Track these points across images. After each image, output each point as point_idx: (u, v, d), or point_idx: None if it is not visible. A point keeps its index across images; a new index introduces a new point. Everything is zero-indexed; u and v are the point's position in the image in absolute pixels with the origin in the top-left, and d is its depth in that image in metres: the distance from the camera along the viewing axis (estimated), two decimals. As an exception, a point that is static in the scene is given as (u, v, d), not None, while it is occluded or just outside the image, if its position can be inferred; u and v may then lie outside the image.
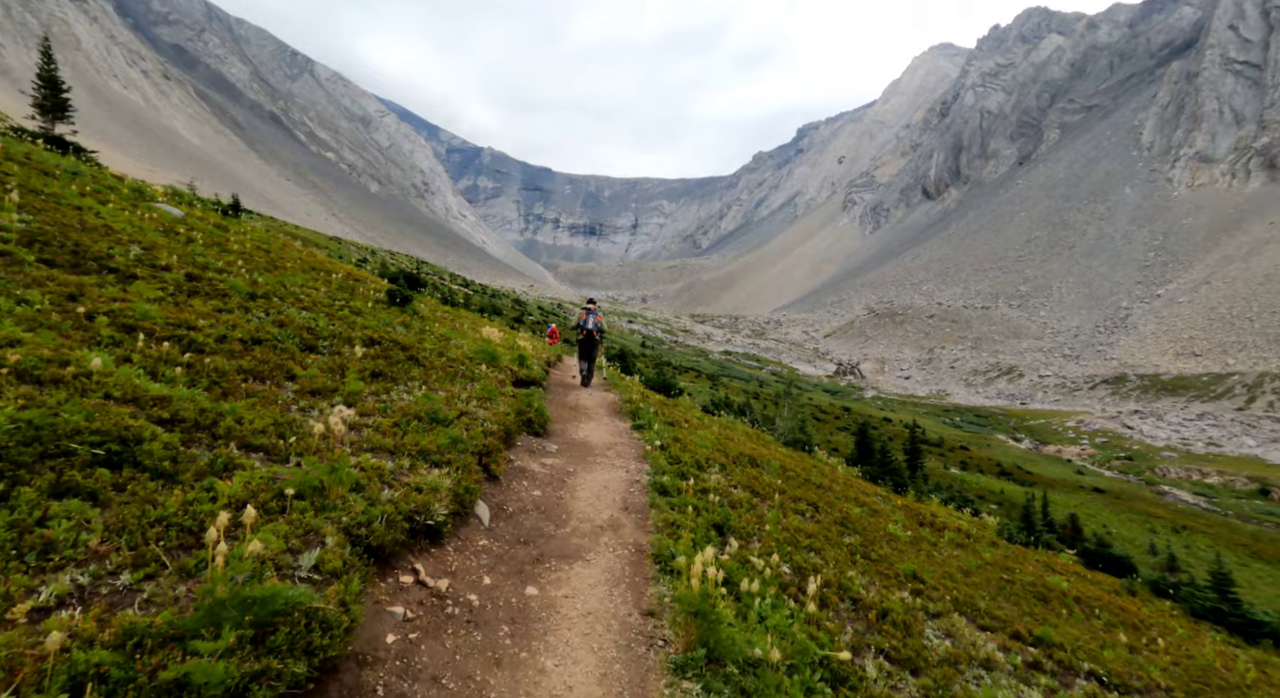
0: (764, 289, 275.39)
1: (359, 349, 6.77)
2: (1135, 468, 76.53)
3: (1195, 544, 46.98)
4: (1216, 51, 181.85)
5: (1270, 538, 52.18)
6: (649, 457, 7.36)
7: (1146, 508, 56.35)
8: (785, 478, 9.27)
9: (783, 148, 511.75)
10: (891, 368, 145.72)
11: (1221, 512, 60.61)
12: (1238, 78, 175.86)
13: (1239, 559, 45.16)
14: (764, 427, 34.33)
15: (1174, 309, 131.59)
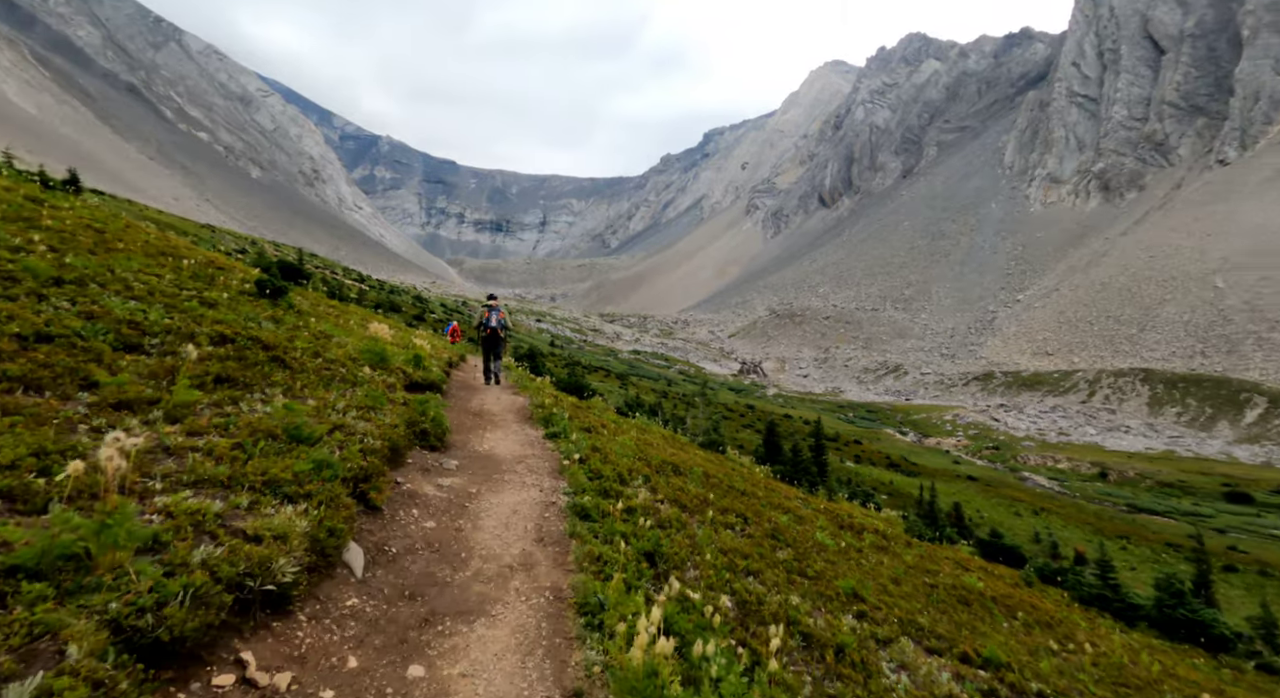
0: (672, 289, 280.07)
1: (196, 349, 5.36)
2: (1001, 456, 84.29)
3: (1053, 525, 52.10)
4: (1063, 85, 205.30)
5: (1109, 516, 58.89)
6: (566, 472, 6.43)
7: (1012, 493, 61.92)
8: (710, 486, 8.67)
9: (690, 151, 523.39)
10: (792, 367, 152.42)
11: (1071, 494, 67.80)
12: (1080, 109, 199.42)
13: (1085, 536, 50.56)
14: (677, 427, 34.21)
15: (1031, 313, 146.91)
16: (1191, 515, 59.55)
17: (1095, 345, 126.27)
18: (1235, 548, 48.41)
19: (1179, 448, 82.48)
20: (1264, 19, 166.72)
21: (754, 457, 28.20)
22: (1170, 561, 45.67)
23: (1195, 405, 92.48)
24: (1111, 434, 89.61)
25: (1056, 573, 13.90)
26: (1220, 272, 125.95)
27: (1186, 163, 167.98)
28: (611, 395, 58.98)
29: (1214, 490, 67.90)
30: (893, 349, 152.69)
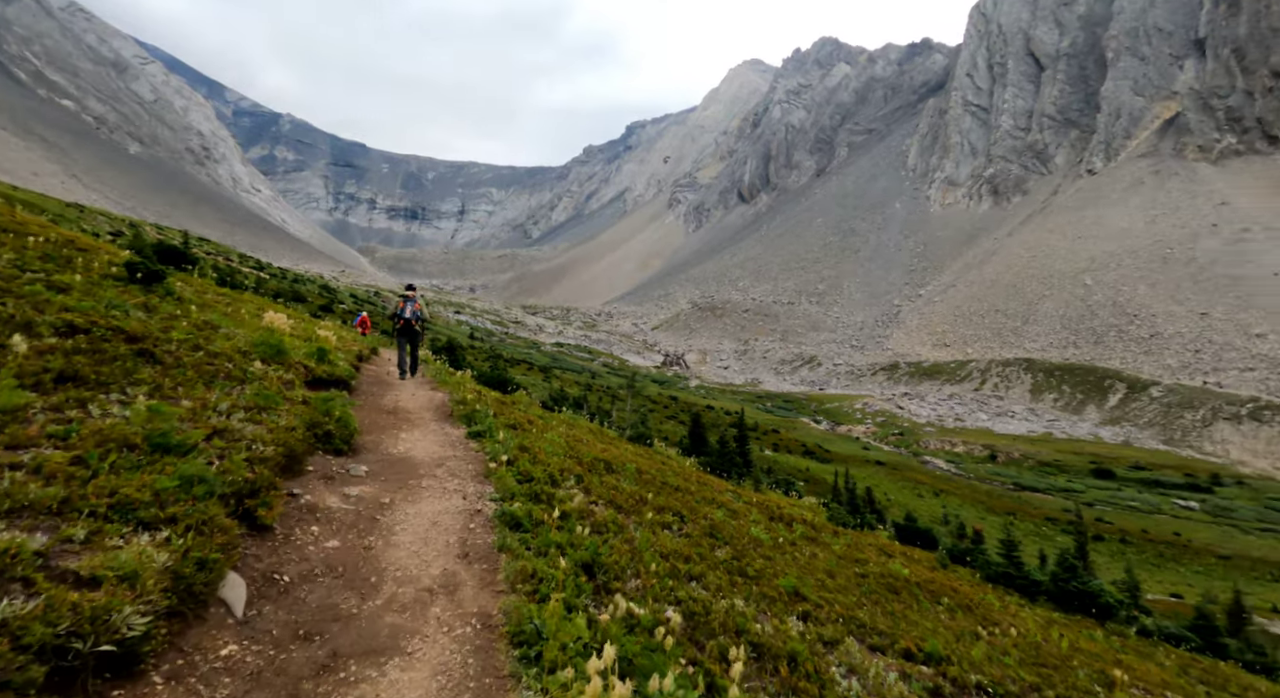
0: (595, 281, 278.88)
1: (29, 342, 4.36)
2: (905, 442, 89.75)
3: (950, 504, 55.92)
4: (959, 94, 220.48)
5: (999, 495, 63.85)
6: (493, 475, 5.83)
7: (915, 476, 65.94)
8: (644, 484, 8.35)
9: (613, 143, 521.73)
10: (713, 358, 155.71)
11: (966, 475, 73.02)
12: (973, 117, 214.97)
13: (978, 514, 54.66)
14: (603, 421, 33.82)
15: (931, 307, 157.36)
16: (1065, 491, 65.71)
17: (986, 338, 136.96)
18: (1101, 519, 53.95)
19: (1055, 430, 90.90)
20: (1124, 44, 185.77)
21: (680, 448, 28.30)
22: (1050, 533, 50.20)
23: (1069, 392, 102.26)
24: (1000, 419, 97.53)
25: (965, 553, 14.61)
26: (1089, 271, 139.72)
27: (1062, 171, 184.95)
28: (535, 389, 57.80)
29: (1083, 468, 75.26)
30: (808, 341, 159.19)
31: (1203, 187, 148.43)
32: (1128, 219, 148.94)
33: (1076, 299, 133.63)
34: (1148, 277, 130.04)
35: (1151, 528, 51.15)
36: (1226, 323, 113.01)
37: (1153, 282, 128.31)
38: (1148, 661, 9.53)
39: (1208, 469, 72.24)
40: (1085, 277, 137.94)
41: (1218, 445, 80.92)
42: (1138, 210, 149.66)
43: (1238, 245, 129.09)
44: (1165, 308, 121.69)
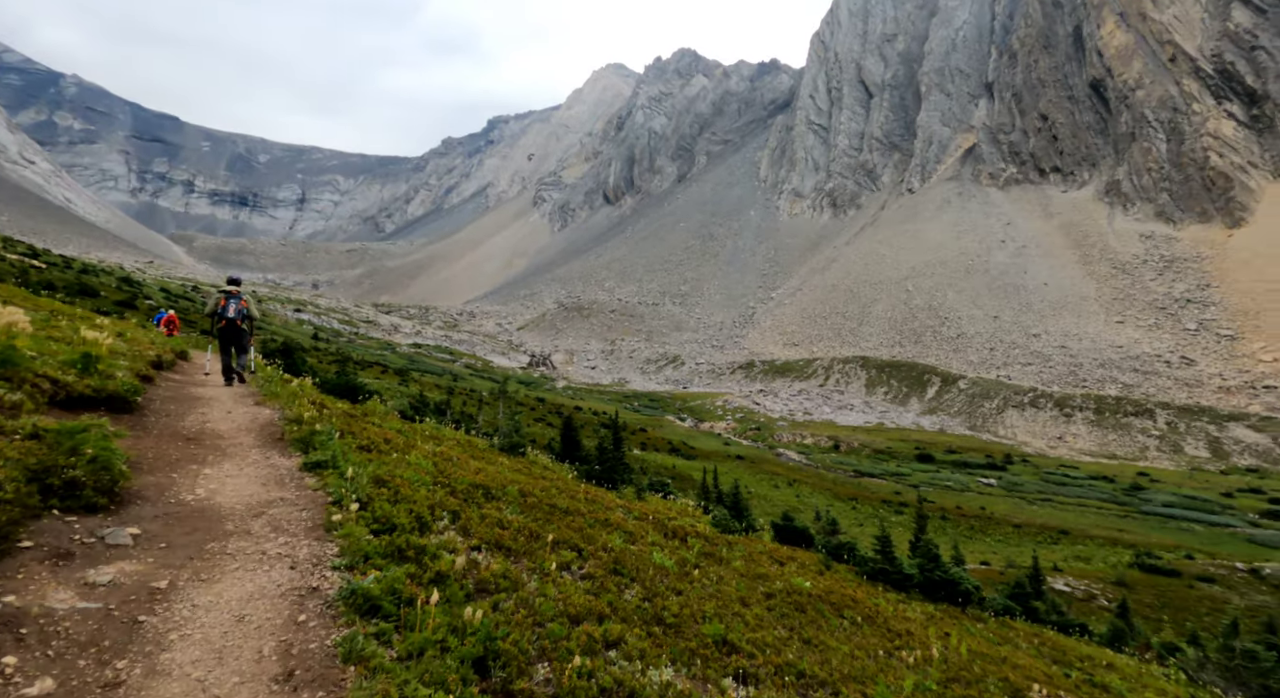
0: (456, 279, 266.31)
1: None
2: (762, 436, 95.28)
3: (802, 493, 59.91)
4: (803, 113, 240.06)
5: (842, 482, 69.48)
6: (337, 528, 4.31)
7: (771, 468, 69.91)
8: (529, 510, 7.14)
9: (473, 136, 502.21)
10: (580, 358, 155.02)
11: (814, 465, 78.87)
12: (816, 135, 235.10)
13: (827, 500, 59.09)
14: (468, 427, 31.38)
15: (782, 309, 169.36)
16: (896, 475, 73.27)
17: (828, 337, 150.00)
18: (926, 500, 60.88)
19: (887, 421, 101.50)
20: (934, 81, 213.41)
21: (552, 453, 26.95)
22: (885, 514, 55.36)
23: (896, 386, 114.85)
24: (841, 412, 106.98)
25: (840, 550, 14.90)
26: (910, 278, 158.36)
27: (888, 188, 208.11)
28: (391, 395, 53.00)
29: (909, 454, 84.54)
30: (672, 341, 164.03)
31: (994, 208, 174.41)
32: (939, 234, 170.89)
33: (901, 303, 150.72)
34: (955, 284, 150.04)
35: (963, 504, 58.43)
36: (1013, 325, 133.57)
37: (959, 289, 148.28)
38: (1013, 646, 10.03)
39: (1002, 450, 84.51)
40: (907, 283, 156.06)
41: (1008, 430, 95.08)
42: (947, 227, 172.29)
43: (1019, 259, 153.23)
44: (968, 311, 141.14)
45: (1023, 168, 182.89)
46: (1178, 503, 57.54)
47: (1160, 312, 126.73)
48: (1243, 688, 10.50)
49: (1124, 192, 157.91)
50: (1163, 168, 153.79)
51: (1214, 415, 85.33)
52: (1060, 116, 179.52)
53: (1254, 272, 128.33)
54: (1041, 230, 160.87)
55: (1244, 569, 36.21)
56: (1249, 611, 31.78)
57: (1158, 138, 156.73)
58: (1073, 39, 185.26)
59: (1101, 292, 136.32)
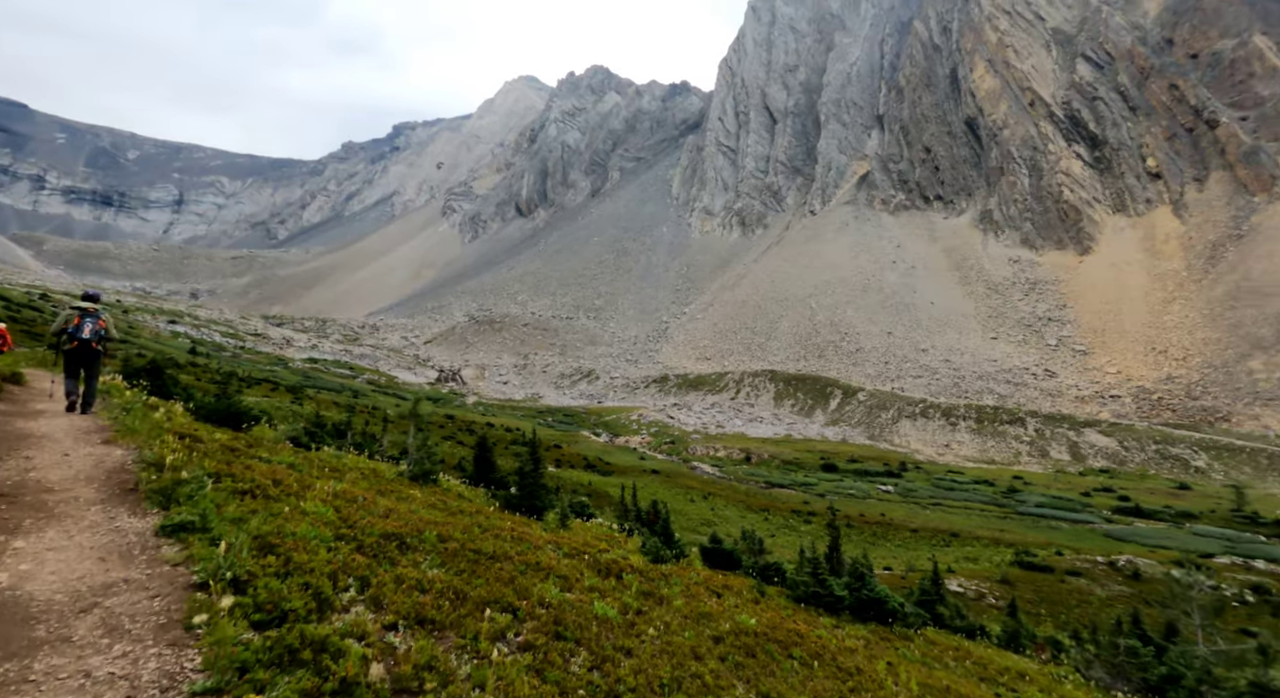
0: (358, 290, 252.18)
1: None
2: (676, 450, 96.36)
3: (716, 505, 60.91)
4: (712, 135, 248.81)
5: (755, 493, 71.31)
6: (203, 627, 3.41)
7: (686, 482, 70.68)
8: (451, 560, 6.49)
9: (377, 142, 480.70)
10: (491, 373, 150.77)
11: (727, 477, 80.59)
12: (725, 156, 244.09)
13: (740, 512, 60.41)
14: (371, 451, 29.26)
15: (695, 324, 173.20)
16: (804, 485, 76.22)
17: (738, 352, 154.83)
18: (832, 509, 63.82)
19: (794, 432, 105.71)
20: (832, 111, 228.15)
21: (465, 476, 25.61)
22: (796, 524, 57.30)
23: (802, 398, 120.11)
24: (752, 424, 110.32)
25: (768, 570, 14.94)
26: (813, 296, 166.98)
27: (792, 210, 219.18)
28: (283, 416, 48.84)
29: (815, 464, 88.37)
30: (586, 355, 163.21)
31: (886, 232, 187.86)
32: (838, 254, 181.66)
33: (805, 319, 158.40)
34: (853, 302, 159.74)
35: (865, 512, 61.63)
36: (904, 340, 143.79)
37: (857, 306, 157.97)
38: (945, 668, 10.35)
39: (897, 458, 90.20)
40: (811, 300, 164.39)
41: (902, 438, 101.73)
42: (845, 247, 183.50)
43: (909, 279, 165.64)
44: (865, 327, 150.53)
45: (910, 195, 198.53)
46: (1047, 503, 63.50)
47: (1027, 329, 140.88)
48: (1127, 683, 11.47)
49: (995, 220, 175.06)
50: (1026, 200, 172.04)
51: (1073, 422, 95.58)
52: (941, 149, 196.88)
53: (1098, 294, 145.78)
54: (927, 253, 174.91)
55: (1103, 562, 40.31)
56: (1109, 600, 35.37)
57: (1021, 173, 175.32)
58: (950, 80, 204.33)
59: (979, 310, 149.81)
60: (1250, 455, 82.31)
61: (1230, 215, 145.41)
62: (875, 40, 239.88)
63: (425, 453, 14.82)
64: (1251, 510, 60.44)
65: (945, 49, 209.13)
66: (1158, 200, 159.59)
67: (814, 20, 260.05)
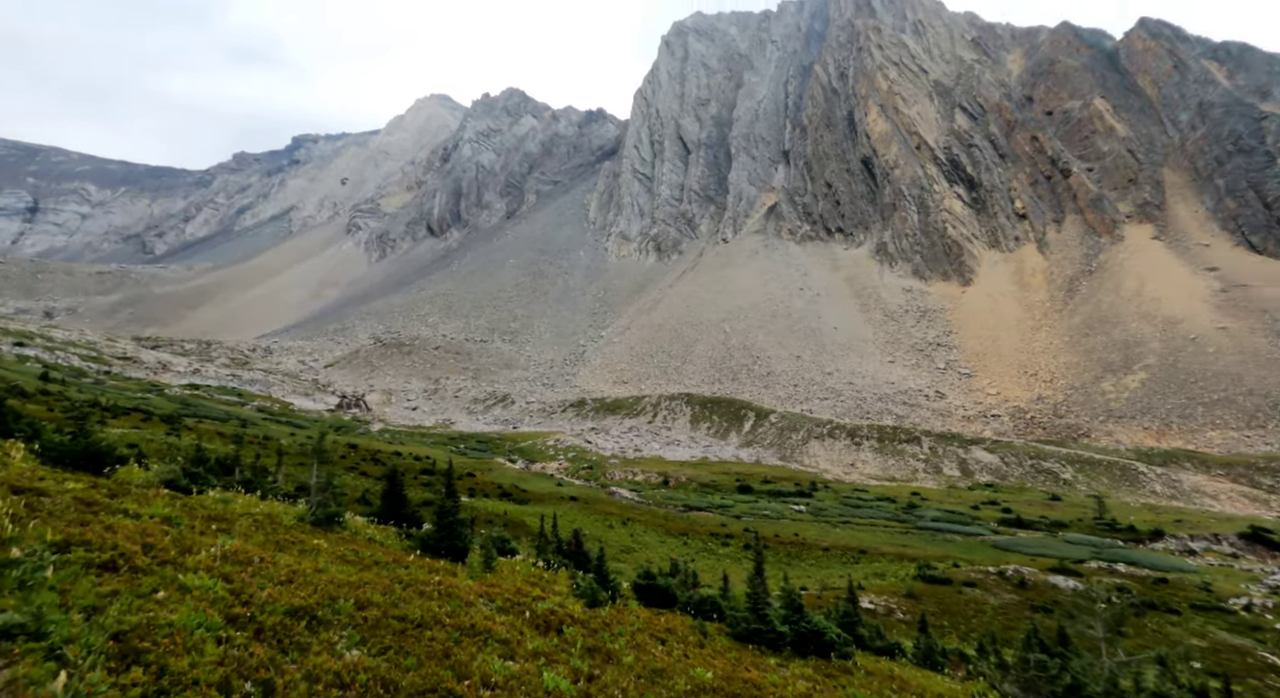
0: (250, 310, 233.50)
1: None
2: (594, 475, 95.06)
3: (636, 531, 60.32)
4: (628, 162, 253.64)
5: (673, 517, 71.30)
6: None
7: (605, 508, 69.64)
8: (371, 633, 5.65)
9: (275, 154, 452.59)
10: (399, 399, 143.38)
11: (646, 502, 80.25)
12: (641, 183, 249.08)
13: (659, 537, 60.09)
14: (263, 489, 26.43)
15: (611, 347, 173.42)
16: (721, 508, 77.16)
17: (655, 375, 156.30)
18: (749, 530, 64.78)
19: (710, 455, 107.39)
20: (741, 145, 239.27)
21: (372, 514, 23.65)
22: (714, 547, 57.67)
23: (718, 420, 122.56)
24: (669, 447, 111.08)
25: (704, 605, 14.55)
26: (726, 320, 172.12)
27: (706, 237, 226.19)
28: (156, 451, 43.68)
29: (731, 486, 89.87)
30: (500, 379, 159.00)
31: (793, 260, 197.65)
32: (749, 281, 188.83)
33: (719, 343, 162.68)
34: (764, 326, 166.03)
35: (780, 532, 63.14)
36: (811, 364, 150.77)
37: (767, 331, 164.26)
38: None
39: (808, 478, 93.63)
40: (724, 325, 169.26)
41: (812, 458, 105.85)
42: (756, 274, 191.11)
43: (815, 305, 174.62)
44: (775, 351, 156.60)
45: (815, 227, 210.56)
46: (942, 518, 67.77)
47: (919, 353, 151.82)
48: (1038, 696, 12.02)
49: (890, 252, 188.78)
50: (915, 234, 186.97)
51: (961, 441, 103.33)
52: (841, 185, 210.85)
53: (979, 321, 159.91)
54: (831, 281, 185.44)
55: (994, 573, 43.23)
56: (1001, 608, 37.87)
57: (911, 209, 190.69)
58: (848, 121, 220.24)
59: (877, 335, 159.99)
60: (1106, 468, 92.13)
61: (1083, 253, 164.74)
62: (780, 81, 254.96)
63: (330, 494, 13.42)
64: (1110, 518, 67.37)
65: (843, 93, 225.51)
66: (1025, 238, 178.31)
67: (724, 58, 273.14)
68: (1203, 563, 55.64)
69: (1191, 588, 44.26)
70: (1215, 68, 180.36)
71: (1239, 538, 61.26)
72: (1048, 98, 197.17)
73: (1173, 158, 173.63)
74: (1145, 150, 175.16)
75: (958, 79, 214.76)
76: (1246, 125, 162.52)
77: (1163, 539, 60.75)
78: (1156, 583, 43.65)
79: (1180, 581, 46.39)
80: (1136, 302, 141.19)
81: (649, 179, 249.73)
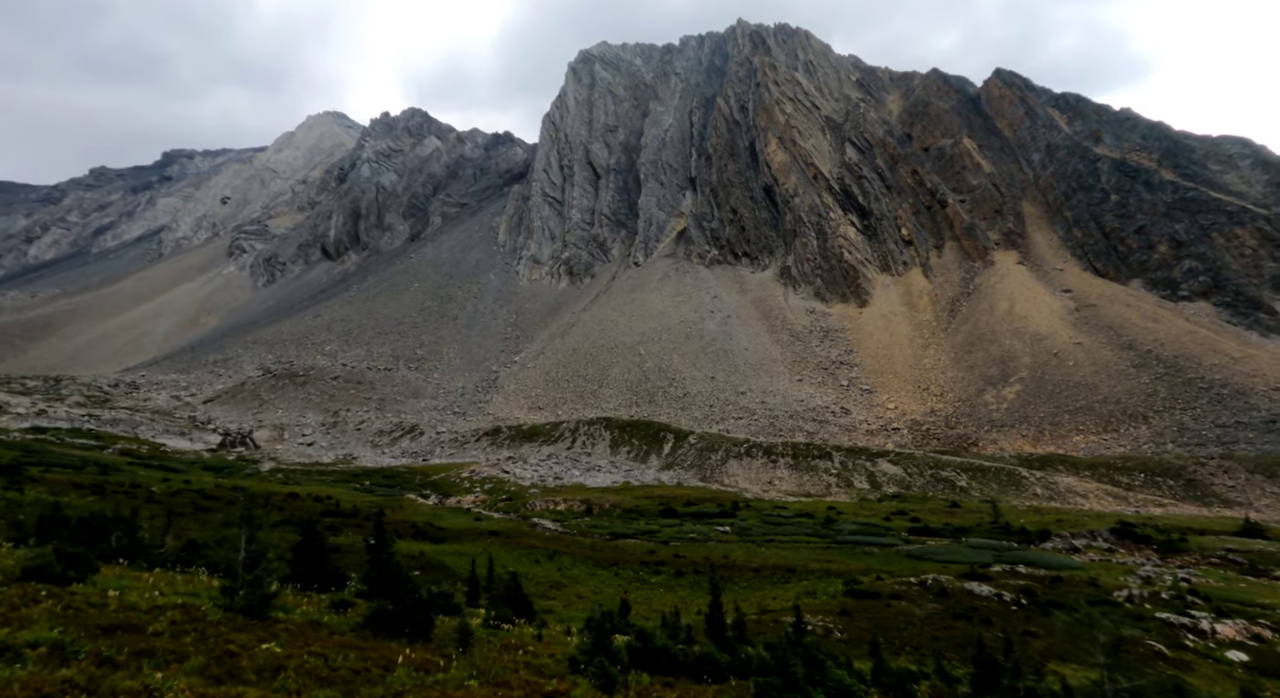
0: (110, 341, 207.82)
1: None
2: (514, 506, 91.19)
3: (563, 564, 57.91)
4: (538, 185, 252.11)
5: (600, 547, 69.23)
6: None
7: (529, 541, 66.60)
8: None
9: (141, 170, 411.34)
10: (293, 434, 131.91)
11: (571, 532, 77.67)
12: (551, 206, 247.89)
13: (589, 569, 57.97)
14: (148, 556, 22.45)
15: (526, 372, 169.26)
16: (646, 533, 75.96)
17: (572, 400, 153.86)
18: (679, 556, 63.89)
19: (632, 479, 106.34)
20: (650, 170, 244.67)
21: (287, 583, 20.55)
22: (647, 576, 56.32)
23: (637, 444, 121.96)
24: (590, 473, 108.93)
25: (703, 663, 13.36)
26: (641, 343, 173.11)
27: (618, 261, 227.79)
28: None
29: (655, 510, 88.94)
30: (408, 409, 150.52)
31: (703, 283, 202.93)
32: (662, 304, 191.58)
33: (635, 366, 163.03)
34: (678, 348, 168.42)
35: (710, 555, 62.85)
36: (725, 384, 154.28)
37: (682, 353, 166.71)
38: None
39: (729, 498, 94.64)
40: (639, 348, 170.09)
41: (731, 478, 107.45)
42: (668, 297, 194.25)
43: (726, 327, 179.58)
44: (690, 373, 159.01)
45: (722, 251, 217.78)
46: (859, 530, 70.35)
47: (824, 372, 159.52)
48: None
49: (793, 275, 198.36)
50: (815, 258, 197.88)
51: (869, 454, 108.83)
52: (746, 212, 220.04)
53: (875, 340, 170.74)
54: (740, 303, 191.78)
55: (916, 583, 44.93)
56: (928, 618, 39.23)
57: (810, 235, 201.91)
58: (750, 151, 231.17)
59: (785, 355, 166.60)
60: (995, 474, 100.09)
61: (961, 276, 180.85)
62: (685, 111, 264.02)
63: (262, 570, 11.03)
64: (1004, 522, 72.76)
65: (744, 124, 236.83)
66: (911, 262, 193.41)
67: (630, 87, 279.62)
68: (1085, 559, 61.02)
69: (1081, 584, 48.06)
70: (1058, 115, 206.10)
71: (1111, 533, 67.88)
72: (924, 135, 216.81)
73: (1029, 192, 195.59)
74: (1007, 185, 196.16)
75: (846, 116, 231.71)
76: (1085, 165, 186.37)
77: (1050, 539, 66.19)
78: (1053, 582, 47.01)
79: (1071, 577, 50.34)
80: (1009, 320, 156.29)
81: (559, 203, 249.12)
